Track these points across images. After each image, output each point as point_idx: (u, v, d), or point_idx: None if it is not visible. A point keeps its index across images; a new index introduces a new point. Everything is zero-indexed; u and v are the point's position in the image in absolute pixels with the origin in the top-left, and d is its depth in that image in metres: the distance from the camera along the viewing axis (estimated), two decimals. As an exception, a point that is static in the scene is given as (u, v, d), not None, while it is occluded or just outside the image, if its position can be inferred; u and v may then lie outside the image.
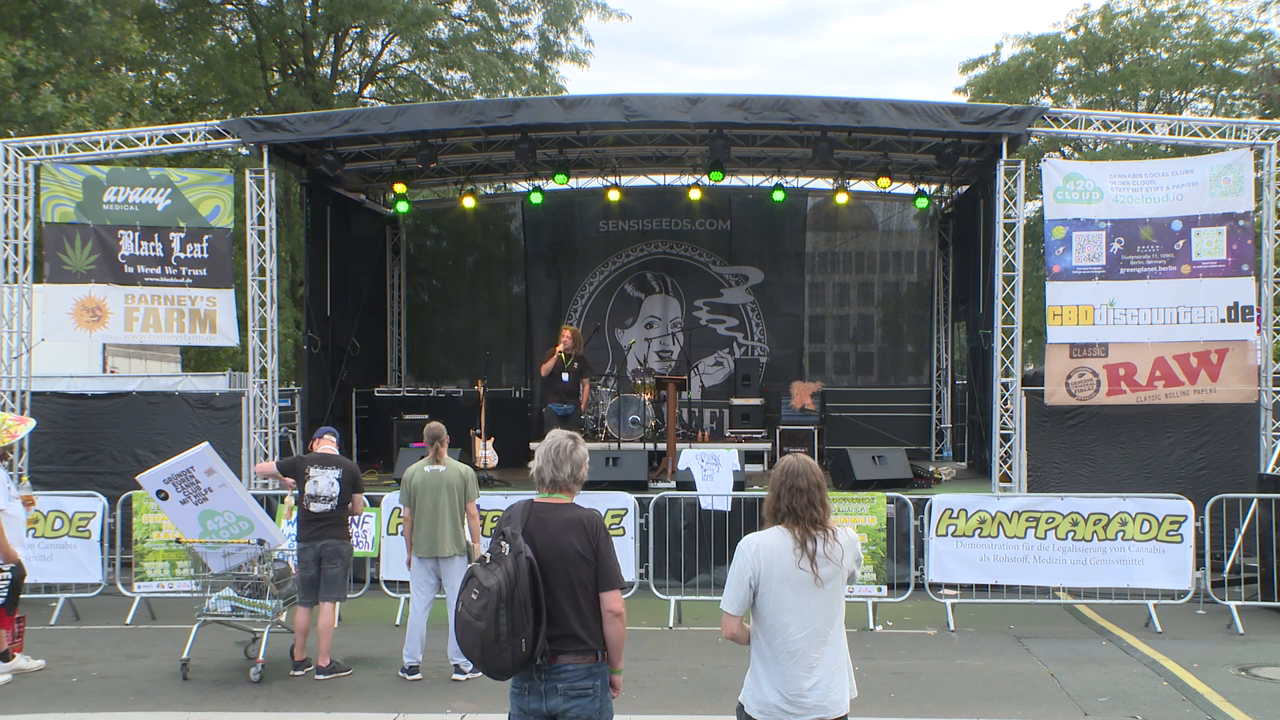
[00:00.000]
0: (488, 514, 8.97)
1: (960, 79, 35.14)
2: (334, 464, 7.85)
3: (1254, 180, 11.25)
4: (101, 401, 12.42)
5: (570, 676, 3.93)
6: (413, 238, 17.42)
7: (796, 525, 3.90)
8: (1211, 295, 11.10)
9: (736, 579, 3.91)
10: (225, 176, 12.78)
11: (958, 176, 15.11)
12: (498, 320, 17.23)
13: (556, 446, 4.10)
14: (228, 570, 7.83)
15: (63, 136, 13.05)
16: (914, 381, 16.73)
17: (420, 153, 12.73)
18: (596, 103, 11.81)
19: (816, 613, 3.85)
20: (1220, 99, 30.68)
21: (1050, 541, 9.53)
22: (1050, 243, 11.44)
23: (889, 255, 17.09)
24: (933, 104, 11.81)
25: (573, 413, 13.21)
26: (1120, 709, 6.99)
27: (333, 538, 7.75)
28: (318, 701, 7.22)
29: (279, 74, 27.34)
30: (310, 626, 7.80)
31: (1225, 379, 11.10)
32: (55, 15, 20.24)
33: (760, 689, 3.89)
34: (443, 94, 27.47)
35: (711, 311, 16.57)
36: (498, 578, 3.81)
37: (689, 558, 10.28)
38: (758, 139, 13.93)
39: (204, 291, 12.19)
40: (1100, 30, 31.58)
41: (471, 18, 27.83)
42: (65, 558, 9.82)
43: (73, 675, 7.88)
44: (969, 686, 7.56)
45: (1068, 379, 11.37)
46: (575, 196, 16.53)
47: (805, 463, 4.01)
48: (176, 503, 7.70)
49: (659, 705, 7.05)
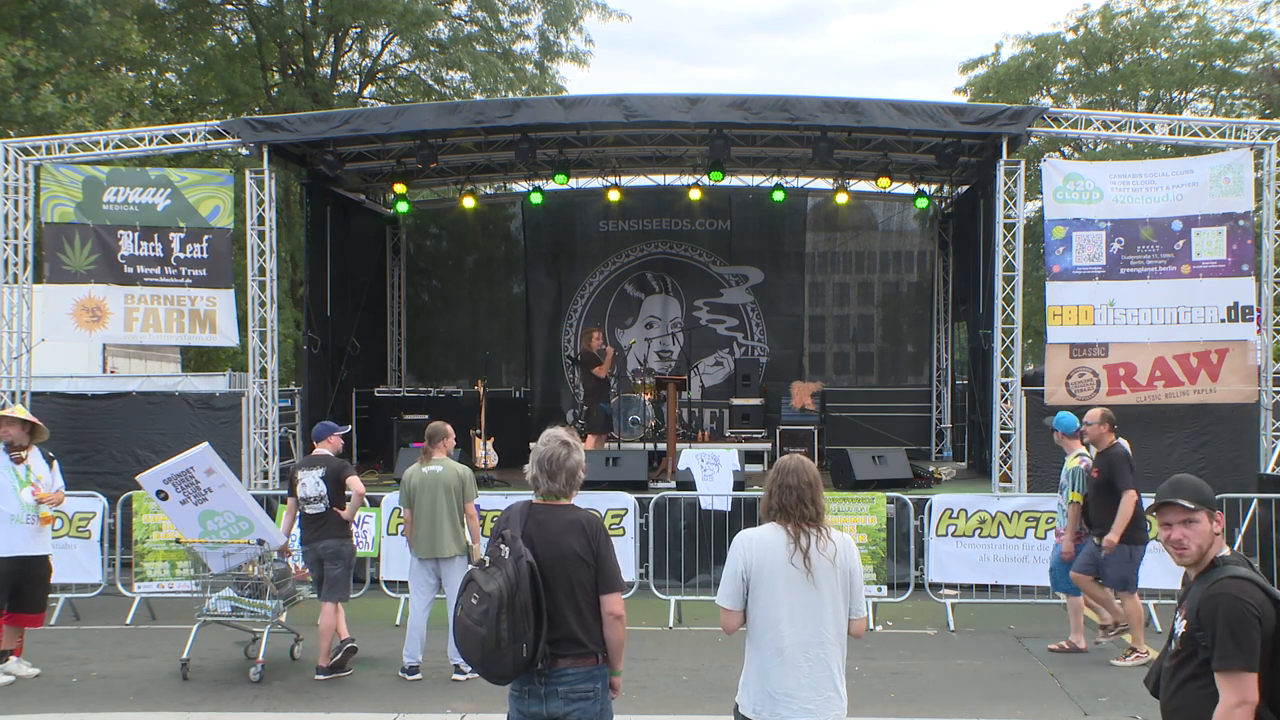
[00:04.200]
0: (488, 514, 8.97)
1: (960, 79, 35.19)
2: (318, 464, 7.85)
3: (1254, 180, 11.25)
4: (101, 401, 12.41)
5: (571, 680, 3.91)
6: (413, 238, 17.42)
7: (788, 522, 3.91)
8: (1211, 295, 11.10)
9: (730, 573, 3.93)
10: (225, 177, 12.78)
11: (958, 176, 15.10)
12: (498, 320, 17.24)
13: (550, 456, 4.03)
14: (228, 570, 7.83)
15: (63, 137, 13.05)
16: (914, 381, 16.73)
17: (420, 153, 12.73)
18: (596, 103, 11.81)
19: (808, 611, 3.85)
20: (1220, 99, 30.67)
21: (1050, 541, 9.50)
22: (1050, 243, 11.43)
23: (889, 255, 17.09)
24: (933, 104, 11.81)
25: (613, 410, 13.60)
26: (1120, 709, 6.99)
27: (330, 538, 7.74)
28: (318, 701, 7.22)
29: (279, 74, 27.33)
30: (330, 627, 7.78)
31: (1225, 379, 11.10)
32: (55, 15, 20.24)
33: (753, 687, 3.89)
34: (443, 94, 27.47)
35: (711, 311, 16.57)
36: (498, 583, 3.78)
37: (689, 558, 10.28)
38: (758, 139, 13.92)
39: (204, 291, 12.18)
40: (1100, 30, 31.57)
41: (471, 18, 27.83)
42: (65, 558, 9.75)
43: (73, 675, 7.88)
44: (969, 686, 7.56)
45: (1068, 379, 11.37)
46: (575, 196, 16.53)
47: (799, 461, 4.03)
48: (176, 503, 7.70)
49: (659, 705, 7.05)
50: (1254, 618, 3.08)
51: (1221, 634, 3.08)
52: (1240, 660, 3.05)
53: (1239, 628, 3.06)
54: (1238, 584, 3.15)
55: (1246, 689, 3.05)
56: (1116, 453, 8.03)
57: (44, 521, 7.88)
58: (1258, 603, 3.11)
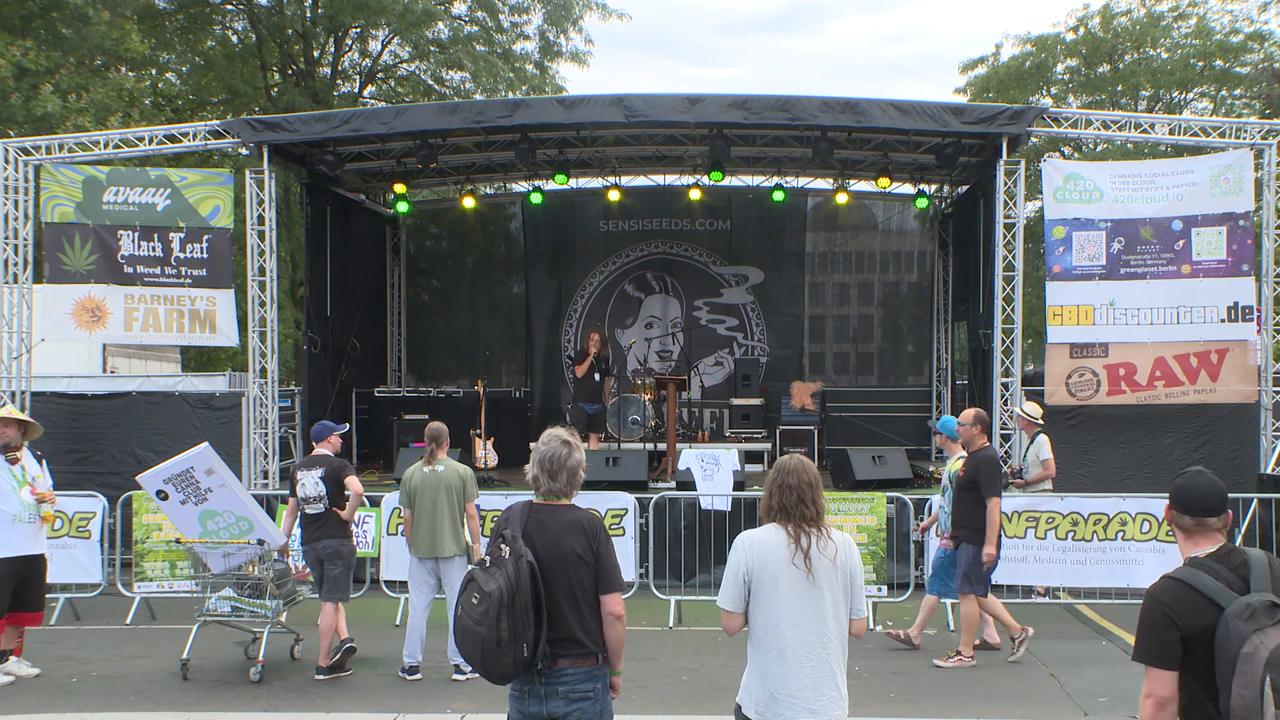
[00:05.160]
0: (488, 514, 8.97)
1: (960, 79, 35.20)
2: (317, 464, 7.85)
3: (1254, 180, 11.25)
4: (101, 401, 12.41)
5: (571, 680, 3.91)
6: (413, 238, 17.42)
7: (789, 522, 3.91)
8: (1211, 295, 11.10)
9: (731, 574, 3.92)
10: (225, 176, 12.78)
11: (958, 176, 15.10)
12: (498, 320, 17.24)
13: (551, 456, 4.03)
14: (228, 570, 7.83)
15: (63, 137, 13.04)
16: (914, 381, 16.73)
17: (420, 153, 12.73)
18: (596, 103, 11.81)
19: (809, 611, 3.84)
20: (1220, 99, 30.68)
21: (1050, 541, 9.53)
22: (1050, 243, 11.43)
23: (889, 255, 17.10)
24: (933, 104, 11.81)
25: (600, 411, 13.48)
26: (1120, 709, 6.99)
27: (330, 538, 7.74)
28: (318, 701, 7.22)
29: (279, 74, 27.33)
30: (330, 627, 7.78)
31: (1225, 379, 11.10)
32: (55, 15, 20.25)
33: (754, 687, 3.88)
34: (443, 94, 27.47)
35: (711, 311, 16.57)
36: (498, 582, 3.78)
37: (689, 558, 10.28)
38: (758, 139, 13.92)
39: (204, 291, 12.18)
40: (1100, 30, 31.58)
41: (471, 18, 27.83)
42: (65, 558, 9.77)
43: (73, 675, 7.88)
44: (969, 686, 7.56)
45: (1068, 379, 11.37)
46: (575, 196, 16.53)
47: (799, 461, 4.02)
48: (176, 503, 7.70)
49: (659, 705, 7.05)
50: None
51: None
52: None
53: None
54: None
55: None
56: (985, 456, 7.97)
57: (46, 520, 7.88)
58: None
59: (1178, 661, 3.05)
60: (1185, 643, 3.04)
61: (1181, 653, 3.04)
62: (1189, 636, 3.04)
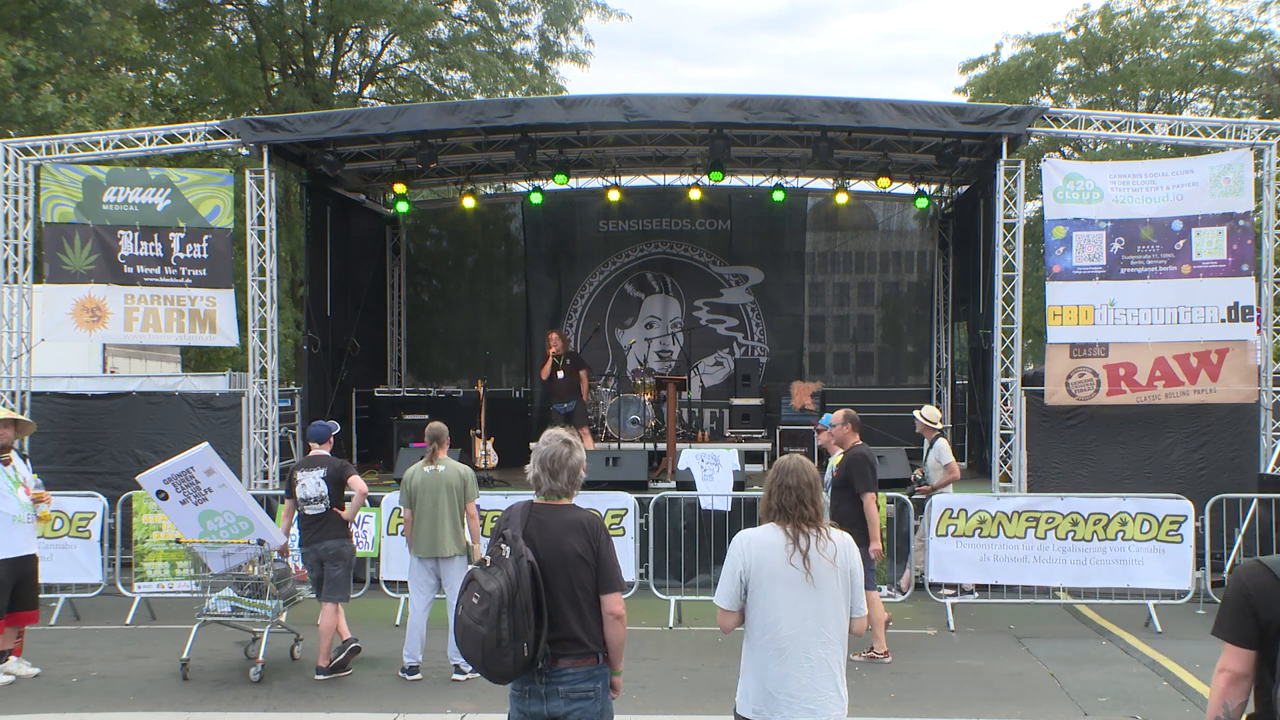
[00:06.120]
0: (488, 514, 8.97)
1: (960, 79, 35.22)
2: (319, 464, 7.85)
3: (1254, 180, 11.24)
4: (101, 401, 12.40)
5: (571, 679, 3.91)
6: (413, 238, 17.42)
7: (788, 522, 3.91)
8: (1211, 295, 11.10)
9: (728, 573, 3.93)
10: (225, 176, 12.77)
11: (958, 176, 15.10)
12: (498, 320, 17.24)
13: (552, 455, 4.03)
14: (228, 570, 7.83)
15: (63, 137, 13.04)
16: (914, 381, 16.72)
17: (420, 153, 12.73)
18: (596, 103, 11.80)
19: (808, 611, 3.84)
20: (1220, 99, 30.68)
21: (1050, 541, 9.53)
22: (1050, 243, 11.43)
23: (889, 255, 17.10)
24: (933, 104, 11.80)
25: (575, 408, 13.22)
26: (1120, 709, 6.99)
27: (331, 539, 7.74)
28: (318, 701, 7.22)
29: (279, 74, 27.33)
30: (331, 627, 7.78)
31: (1225, 379, 11.10)
32: (55, 15, 20.25)
33: (752, 687, 3.88)
34: (443, 94, 27.47)
35: (711, 311, 16.58)
36: (499, 582, 3.78)
37: (689, 558, 10.28)
38: (758, 139, 13.92)
39: (204, 291, 12.18)
40: (1100, 30, 31.59)
41: (471, 18, 27.84)
42: (65, 558, 9.80)
43: (73, 675, 7.88)
44: (969, 686, 7.56)
45: (1068, 379, 11.37)
46: (575, 196, 16.53)
47: (798, 462, 4.03)
48: (176, 503, 7.70)
49: (659, 705, 7.05)
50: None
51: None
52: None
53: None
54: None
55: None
56: (855, 454, 8.04)
57: (43, 520, 7.89)
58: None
59: (1255, 641, 3.08)
60: (1261, 627, 3.07)
61: (1259, 635, 3.07)
62: (1265, 622, 3.06)
